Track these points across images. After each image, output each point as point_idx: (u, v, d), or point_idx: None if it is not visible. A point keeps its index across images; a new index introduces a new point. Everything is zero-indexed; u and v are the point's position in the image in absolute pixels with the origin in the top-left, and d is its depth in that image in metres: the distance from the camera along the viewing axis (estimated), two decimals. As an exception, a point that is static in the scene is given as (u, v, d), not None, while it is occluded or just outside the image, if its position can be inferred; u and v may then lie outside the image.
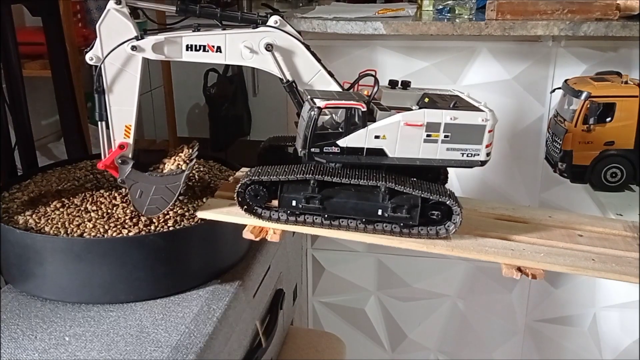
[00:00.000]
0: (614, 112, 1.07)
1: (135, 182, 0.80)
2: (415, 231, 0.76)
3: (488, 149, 0.76)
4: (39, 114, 1.52)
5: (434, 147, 0.75)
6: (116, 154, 0.80)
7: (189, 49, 0.76)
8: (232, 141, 2.63)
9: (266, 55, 0.77)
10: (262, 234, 0.79)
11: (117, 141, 0.79)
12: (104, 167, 0.81)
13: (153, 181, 0.80)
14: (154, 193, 0.80)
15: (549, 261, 0.73)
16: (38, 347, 0.72)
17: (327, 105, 0.73)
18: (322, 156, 0.76)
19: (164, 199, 0.80)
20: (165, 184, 0.80)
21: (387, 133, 0.74)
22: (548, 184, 1.46)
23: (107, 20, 0.76)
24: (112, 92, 0.77)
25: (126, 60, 0.76)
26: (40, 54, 1.40)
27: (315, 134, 0.74)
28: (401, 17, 1.39)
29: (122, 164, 0.81)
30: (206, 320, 0.78)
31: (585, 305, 1.56)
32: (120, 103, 0.78)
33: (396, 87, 0.84)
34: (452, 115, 0.74)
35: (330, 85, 0.80)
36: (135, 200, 0.81)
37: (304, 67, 0.79)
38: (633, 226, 0.84)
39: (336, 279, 1.66)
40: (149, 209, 0.81)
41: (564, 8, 1.25)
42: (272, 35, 0.77)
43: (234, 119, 2.54)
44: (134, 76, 0.77)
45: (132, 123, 0.79)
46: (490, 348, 1.67)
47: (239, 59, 0.77)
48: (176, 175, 0.81)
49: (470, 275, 1.60)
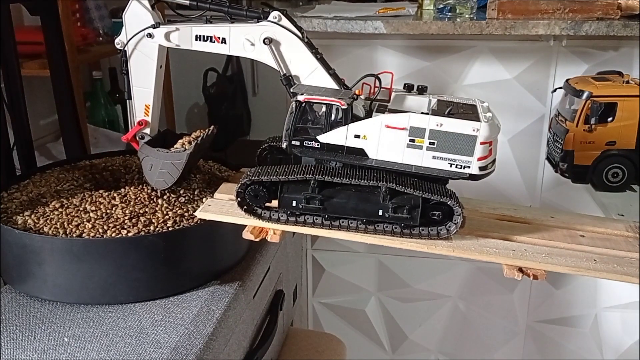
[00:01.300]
0: (616, 112, 1.07)
1: (146, 155, 0.87)
2: (416, 232, 0.76)
3: (482, 162, 0.73)
4: (37, 113, 1.51)
5: (419, 153, 0.73)
6: (136, 130, 0.90)
7: (197, 39, 0.82)
8: (231, 141, 2.62)
9: (264, 48, 0.80)
10: (262, 235, 0.79)
11: (137, 118, 0.89)
12: (126, 140, 0.91)
13: (160, 156, 0.87)
14: (162, 167, 0.87)
15: (550, 262, 0.73)
16: (37, 347, 0.72)
17: (306, 99, 0.74)
18: (301, 149, 0.76)
19: (170, 174, 0.87)
20: (170, 160, 0.86)
21: (368, 133, 0.74)
22: (549, 184, 1.46)
23: (130, 9, 0.84)
24: (134, 74, 0.87)
25: (145, 46, 0.85)
26: (39, 53, 1.39)
27: (296, 127, 0.75)
28: (402, 16, 1.38)
29: (141, 139, 0.91)
30: (206, 321, 0.77)
31: (587, 305, 1.55)
32: (140, 84, 0.87)
33: (411, 91, 0.83)
34: (438, 121, 0.71)
35: (326, 83, 0.80)
36: (147, 172, 0.88)
37: (300, 63, 0.81)
38: (635, 226, 0.84)
39: (336, 280, 1.66)
40: (157, 182, 0.88)
41: (565, 7, 1.25)
42: (271, 30, 0.80)
43: (233, 119, 2.53)
44: (152, 60, 0.85)
45: (150, 103, 0.88)
46: (491, 349, 1.66)
47: (242, 50, 0.82)
48: (180, 153, 0.86)
49: (471, 275, 1.59)
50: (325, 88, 0.79)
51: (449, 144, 0.72)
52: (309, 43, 0.80)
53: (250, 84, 2.60)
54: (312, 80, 0.81)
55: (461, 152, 0.72)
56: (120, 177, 1.00)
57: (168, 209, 0.86)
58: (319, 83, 0.80)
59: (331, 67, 0.81)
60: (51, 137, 1.59)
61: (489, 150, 0.73)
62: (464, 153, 0.72)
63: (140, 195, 0.89)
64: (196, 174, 0.98)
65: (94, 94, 1.75)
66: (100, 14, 1.68)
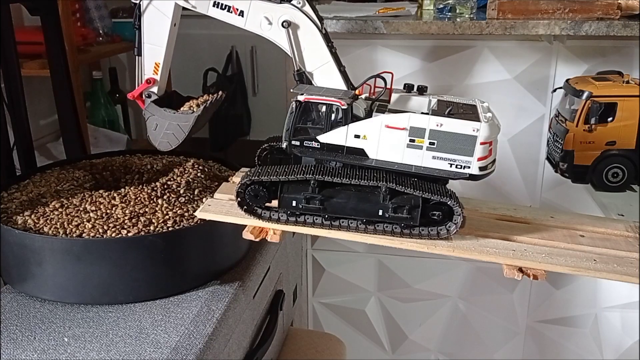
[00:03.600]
0: (616, 112, 1.07)
1: (152, 114, 0.85)
2: (416, 232, 0.76)
3: (482, 163, 0.73)
4: (37, 113, 1.51)
5: (419, 153, 0.73)
6: (143, 87, 0.86)
7: (215, 5, 0.80)
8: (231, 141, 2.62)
9: (282, 30, 0.79)
10: (262, 235, 0.79)
11: (145, 76, 0.86)
12: (132, 97, 0.87)
13: (167, 116, 0.85)
14: (167, 128, 0.85)
15: (550, 262, 0.73)
16: (37, 347, 0.72)
17: (307, 99, 0.74)
18: (301, 149, 0.76)
19: (175, 135, 0.85)
20: (177, 121, 0.85)
21: (368, 133, 0.74)
22: (549, 184, 1.46)
23: None
24: (146, 30, 0.84)
25: (160, 2, 0.82)
26: (39, 53, 1.39)
27: (296, 126, 0.75)
28: (402, 16, 1.38)
29: (147, 97, 0.87)
30: (206, 321, 0.77)
31: (587, 306, 1.55)
32: (152, 41, 0.84)
33: (411, 91, 0.82)
34: (438, 121, 0.71)
35: (333, 79, 0.80)
36: (151, 132, 0.86)
37: (313, 53, 0.79)
38: (635, 226, 0.84)
39: (336, 280, 1.66)
40: (161, 143, 0.86)
41: (565, 7, 1.25)
42: (292, 14, 0.78)
43: (233, 119, 2.53)
44: (167, 18, 0.83)
45: (160, 61, 0.85)
46: (491, 349, 1.66)
47: (257, 27, 0.80)
48: (187, 115, 0.84)
49: (471, 275, 1.59)
50: (325, 88, 0.79)
51: (449, 144, 0.72)
52: (326, 35, 0.79)
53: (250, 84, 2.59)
54: (321, 73, 0.80)
55: (461, 152, 0.72)
56: (120, 177, 1.01)
57: (168, 209, 0.86)
58: (327, 78, 0.80)
59: (342, 64, 0.80)
60: (51, 137, 1.59)
61: (489, 151, 0.73)
62: (464, 153, 0.72)
63: (140, 195, 0.89)
64: (197, 174, 0.98)
65: (94, 94, 1.75)
66: (100, 14, 1.68)
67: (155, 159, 1.06)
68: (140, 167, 1.03)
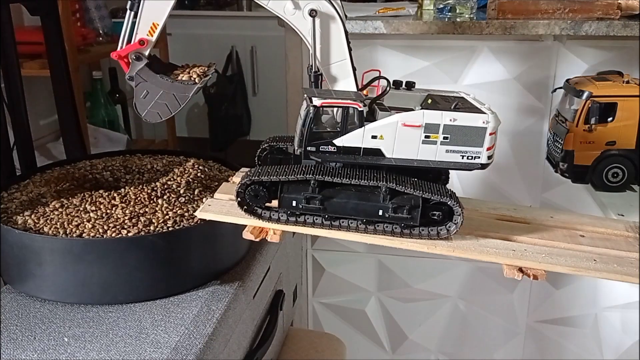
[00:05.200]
0: (616, 112, 1.07)
1: (144, 80, 0.77)
2: (416, 232, 0.76)
3: (489, 152, 0.75)
4: (37, 113, 1.51)
5: (433, 148, 0.74)
6: (134, 48, 0.77)
7: None
8: (231, 141, 2.63)
9: (307, 19, 0.77)
10: (262, 235, 0.79)
11: (138, 36, 0.77)
12: (117, 57, 0.78)
13: (163, 85, 0.78)
14: (160, 97, 0.78)
15: (550, 262, 0.73)
16: (37, 347, 0.72)
17: (323, 104, 0.73)
18: (318, 155, 0.76)
19: (168, 107, 0.78)
20: (174, 91, 0.78)
21: (385, 133, 0.74)
22: (549, 184, 1.46)
23: None
24: None
25: None
26: (39, 53, 1.40)
27: (311, 132, 0.74)
28: (402, 16, 1.38)
29: (136, 60, 0.78)
30: (206, 321, 0.77)
31: (587, 306, 1.55)
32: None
33: (400, 87, 0.84)
34: (452, 116, 0.73)
35: (346, 78, 0.79)
36: (139, 100, 0.78)
37: (334, 47, 0.79)
38: (635, 226, 0.84)
39: (336, 280, 1.66)
40: (149, 113, 0.78)
41: (565, 7, 1.25)
42: (320, 4, 0.77)
43: (233, 119, 2.54)
44: None
45: (160, 22, 0.77)
46: (491, 349, 1.66)
47: (280, 9, 0.77)
48: (187, 86, 0.78)
49: (471, 275, 1.59)
50: (334, 90, 0.79)
51: (462, 137, 0.74)
52: (346, 32, 0.79)
53: (250, 84, 2.60)
54: (336, 68, 0.79)
55: (472, 143, 0.74)
56: (120, 177, 1.01)
57: (168, 209, 0.86)
58: (342, 74, 0.80)
59: (354, 65, 0.80)
60: (51, 137, 1.59)
61: (494, 140, 0.76)
62: (474, 144, 0.74)
63: (140, 195, 0.89)
64: (197, 174, 0.98)
65: (94, 94, 1.76)
66: (100, 14, 1.68)
67: (155, 159, 1.06)
68: (140, 167, 1.03)
